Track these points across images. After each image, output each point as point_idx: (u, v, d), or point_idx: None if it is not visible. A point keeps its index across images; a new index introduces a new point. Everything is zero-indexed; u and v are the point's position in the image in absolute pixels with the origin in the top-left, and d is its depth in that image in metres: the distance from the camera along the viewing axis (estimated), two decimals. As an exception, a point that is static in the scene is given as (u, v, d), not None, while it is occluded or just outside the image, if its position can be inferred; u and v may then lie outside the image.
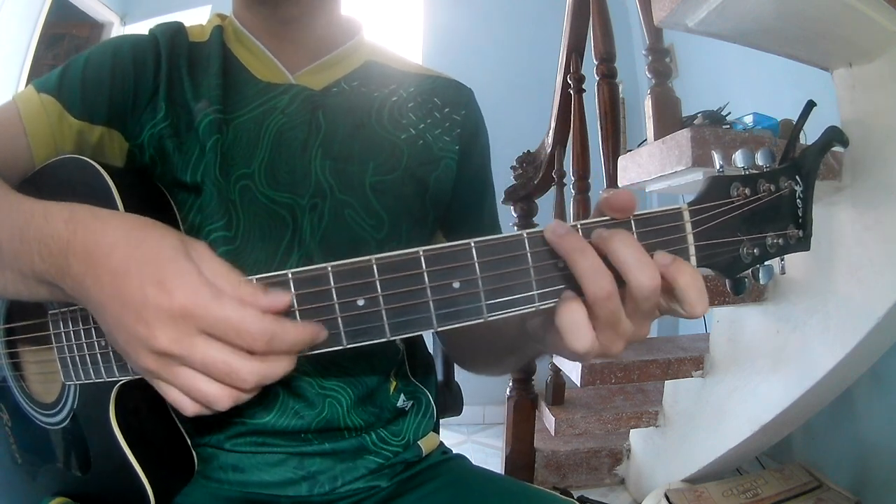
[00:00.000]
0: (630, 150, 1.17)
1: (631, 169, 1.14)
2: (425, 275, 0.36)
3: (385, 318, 0.36)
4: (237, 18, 0.63)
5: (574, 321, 0.35)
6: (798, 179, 0.40)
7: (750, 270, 0.39)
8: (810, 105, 0.42)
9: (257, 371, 0.35)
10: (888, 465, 1.30)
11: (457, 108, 0.67)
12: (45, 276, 0.39)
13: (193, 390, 0.35)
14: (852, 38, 0.95)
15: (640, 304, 0.35)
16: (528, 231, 0.36)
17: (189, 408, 0.36)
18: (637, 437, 1.72)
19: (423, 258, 0.36)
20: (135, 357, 0.36)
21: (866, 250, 0.99)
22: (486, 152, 0.71)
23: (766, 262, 0.39)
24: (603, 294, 0.34)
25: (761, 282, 0.39)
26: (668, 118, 1.14)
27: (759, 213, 0.39)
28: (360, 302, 0.36)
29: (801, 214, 0.40)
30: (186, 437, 0.54)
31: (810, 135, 0.41)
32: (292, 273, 0.37)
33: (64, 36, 2.89)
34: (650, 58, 1.21)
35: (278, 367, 0.36)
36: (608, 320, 0.35)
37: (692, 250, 0.38)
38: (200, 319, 0.34)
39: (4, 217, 0.41)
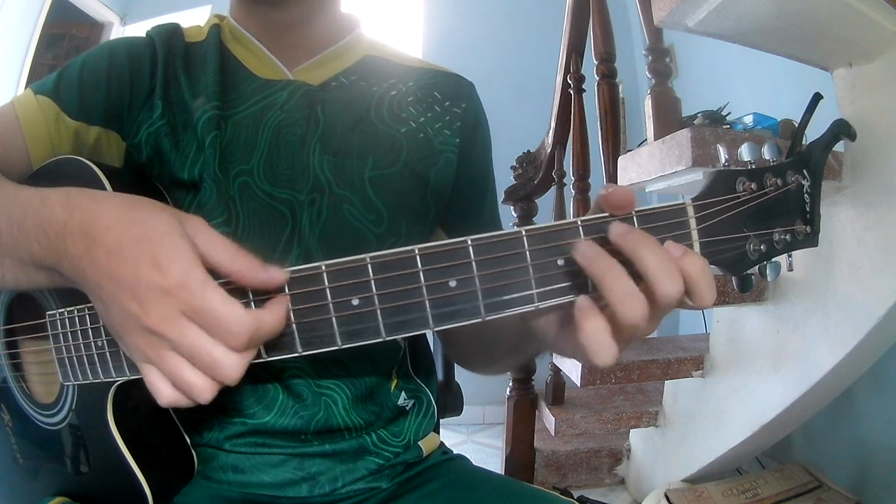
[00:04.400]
0: (630, 150, 1.17)
1: (631, 169, 1.14)
2: (421, 274, 0.36)
3: (380, 317, 0.36)
4: (234, 19, 0.63)
5: (600, 338, 0.34)
6: (805, 174, 0.39)
7: (756, 267, 0.39)
8: (817, 98, 0.41)
9: (239, 365, 0.35)
10: (888, 465, 1.30)
11: (457, 101, 0.66)
12: (43, 261, 0.39)
13: (177, 377, 0.35)
14: (852, 38, 0.95)
15: (661, 309, 0.35)
16: (526, 228, 0.36)
17: (166, 396, 0.36)
18: (637, 437, 1.71)
19: (418, 257, 0.36)
20: (126, 335, 0.36)
21: (866, 250, 0.98)
22: (487, 146, 0.70)
23: (773, 259, 0.39)
24: (637, 318, 0.34)
25: (768, 279, 0.39)
26: (668, 118, 1.14)
27: (765, 209, 0.38)
28: (355, 301, 0.36)
29: (808, 210, 0.39)
30: (186, 438, 0.54)
31: (810, 134, 0.41)
32: (286, 272, 0.36)
33: (64, 36, 2.89)
34: (650, 58, 1.21)
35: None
36: (631, 333, 0.35)
37: (696, 247, 0.37)
38: (187, 302, 0.33)
39: (2, 207, 0.41)
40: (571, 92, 1.60)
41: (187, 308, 0.34)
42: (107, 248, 0.35)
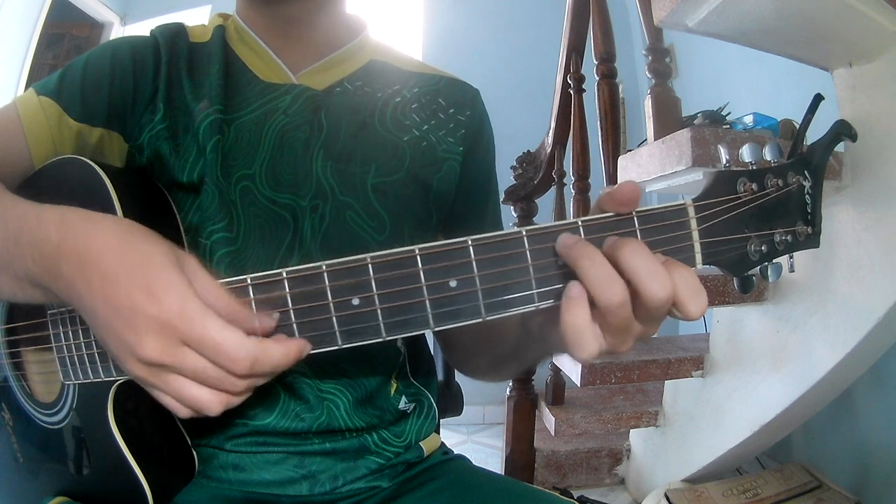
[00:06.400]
0: (630, 150, 1.17)
1: (631, 169, 1.14)
2: (421, 273, 0.36)
3: (381, 317, 0.36)
4: (240, 17, 0.63)
5: (578, 328, 0.34)
6: (806, 175, 0.39)
7: (758, 268, 0.39)
8: (818, 99, 0.41)
9: (247, 385, 0.35)
10: (888, 465, 1.30)
11: (462, 108, 0.66)
12: (38, 279, 0.39)
13: (185, 397, 0.35)
14: (852, 38, 0.95)
15: (652, 313, 0.35)
16: (526, 228, 0.36)
17: (182, 412, 0.36)
18: (637, 437, 1.71)
19: (418, 256, 0.36)
20: (125, 363, 0.36)
21: (866, 250, 0.98)
22: (490, 153, 0.70)
23: (774, 260, 0.39)
24: (616, 302, 0.34)
25: (770, 280, 0.39)
26: (668, 118, 1.14)
27: (766, 209, 0.38)
28: (356, 301, 0.36)
29: (809, 210, 0.39)
30: (186, 437, 0.54)
31: (810, 134, 0.41)
32: (287, 272, 0.37)
33: (64, 36, 2.89)
34: (650, 58, 1.21)
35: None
36: (620, 326, 0.35)
37: (697, 247, 0.37)
38: (185, 333, 0.34)
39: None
40: (571, 92, 1.60)
41: (186, 338, 0.34)
42: (101, 273, 0.35)
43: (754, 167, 0.38)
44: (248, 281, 0.37)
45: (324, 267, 0.36)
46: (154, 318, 0.33)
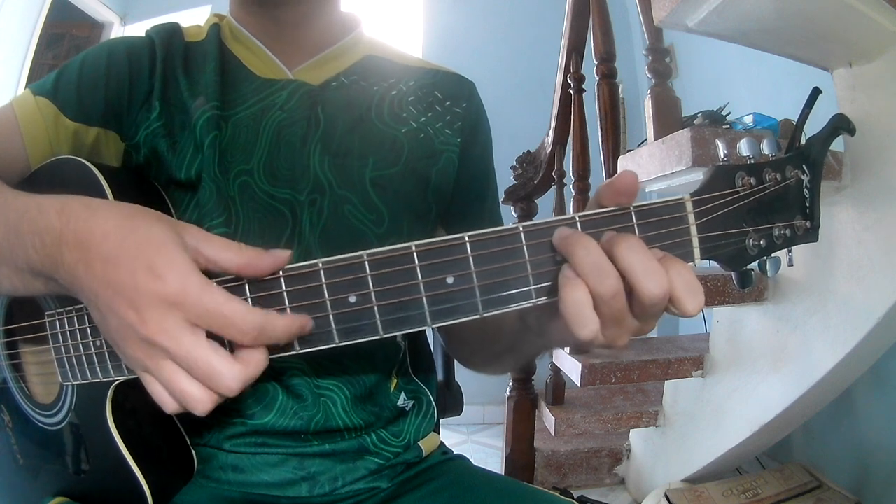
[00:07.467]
0: (630, 150, 1.17)
1: (631, 169, 1.14)
2: (418, 270, 0.35)
3: (377, 314, 0.36)
4: (234, 18, 0.63)
5: (578, 308, 0.34)
6: (805, 169, 0.39)
7: (756, 263, 0.38)
8: (816, 92, 0.41)
9: (239, 377, 0.34)
10: (888, 465, 1.30)
11: (458, 100, 0.66)
12: (39, 268, 0.39)
13: (174, 388, 0.35)
14: (852, 38, 0.95)
15: (648, 310, 0.35)
16: (524, 224, 0.36)
17: (169, 405, 0.36)
18: (637, 437, 1.71)
19: (415, 253, 0.35)
20: (123, 345, 0.36)
21: (866, 250, 0.98)
22: (488, 145, 0.70)
23: (772, 255, 0.39)
24: (609, 293, 0.34)
25: (769, 274, 0.38)
26: (668, 118, 1.14)
27: (765, 204, 0.38)
28: (352, 299, 0.36)
29: (808, 205, 0.39)
30: (186, 437, 0.54)
31: (810, 132, 0.41)
32: (283, 270, 0.36)
33: (64, 36, 2.89)
34: (650, 58, 1.21)
35: (258, 368, 0.36)
36: (613, 317, 0.35)
37: (695, 242, 0.37)
38: (190, 309, 0.33)
39: (0, 213, 0.41)
40: (571, 92, 1.60)
41: (192, 315, 0.34)
42: (103, 256, 0.35)
43: (752, 161, 0.38)
44: (245, 279, 0.37)
45: (320, 265, 0.36)
46: (157, 295, 0.33)
